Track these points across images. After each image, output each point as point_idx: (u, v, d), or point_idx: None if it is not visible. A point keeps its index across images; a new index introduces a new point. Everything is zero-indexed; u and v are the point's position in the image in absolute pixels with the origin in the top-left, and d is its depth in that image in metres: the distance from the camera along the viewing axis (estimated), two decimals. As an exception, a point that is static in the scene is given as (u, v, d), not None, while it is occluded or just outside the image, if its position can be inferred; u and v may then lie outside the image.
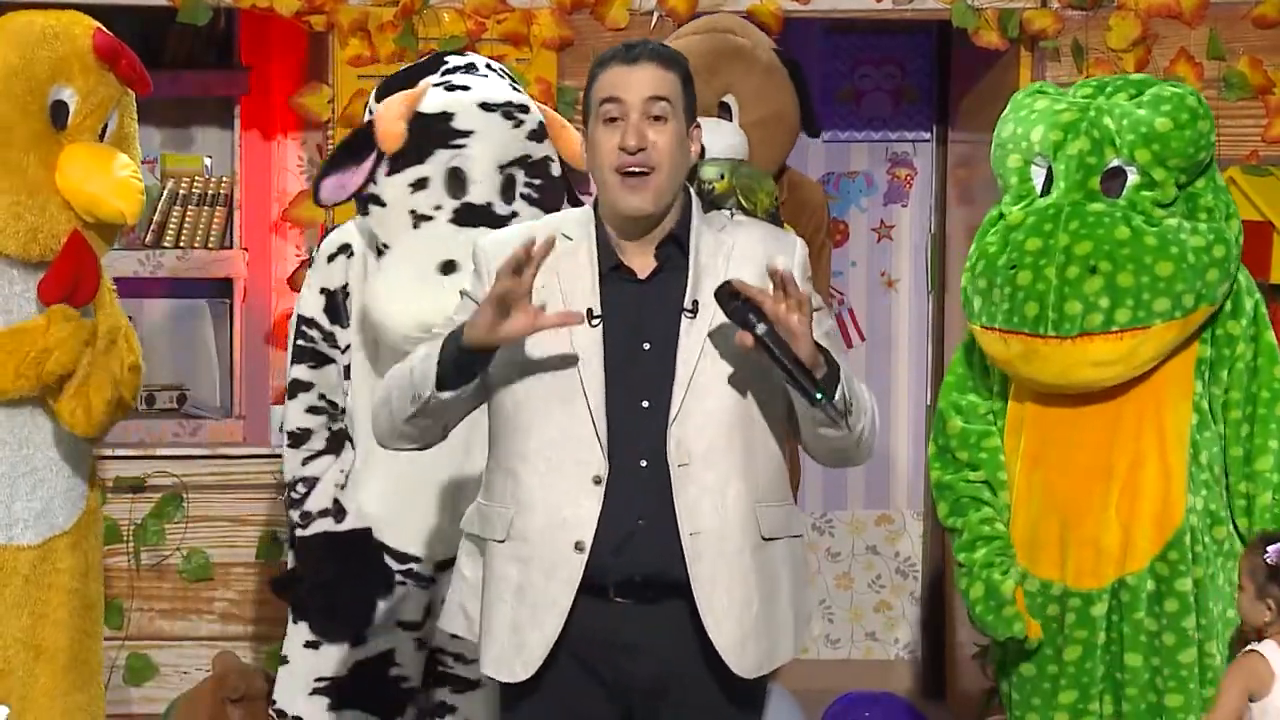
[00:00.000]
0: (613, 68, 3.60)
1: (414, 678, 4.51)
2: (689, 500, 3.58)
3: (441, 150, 4.41)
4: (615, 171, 3.57)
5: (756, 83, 5.22)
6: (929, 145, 6.75)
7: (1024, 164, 4.20)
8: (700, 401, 3.55)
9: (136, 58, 4.49)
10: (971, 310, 4.19)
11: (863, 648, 6.82)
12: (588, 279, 3.62)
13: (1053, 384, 4.11)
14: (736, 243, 3.67)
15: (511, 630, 3.62)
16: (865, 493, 6.84)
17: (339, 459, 4.52)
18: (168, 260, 6.03)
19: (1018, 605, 4.16)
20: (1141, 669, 4.10)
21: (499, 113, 4.45)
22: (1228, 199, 4.18)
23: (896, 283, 6.81)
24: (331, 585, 4.48)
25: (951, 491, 4.30)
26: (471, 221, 4.37)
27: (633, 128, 3.56)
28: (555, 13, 5.69)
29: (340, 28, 5.63)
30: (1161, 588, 4.09)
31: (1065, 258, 4.05)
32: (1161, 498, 4.11)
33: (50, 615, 4.45)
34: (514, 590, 3.62)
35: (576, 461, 3.59)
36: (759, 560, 3.64)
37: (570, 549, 3.58)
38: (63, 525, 4.47)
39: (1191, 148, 4.08)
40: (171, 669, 5.77)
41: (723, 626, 3.60)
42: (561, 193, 4.50)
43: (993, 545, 4.22)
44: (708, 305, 3.59)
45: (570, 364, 3.58)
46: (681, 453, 3.58)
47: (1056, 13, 5.75)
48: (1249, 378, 4.12)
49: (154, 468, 5.76)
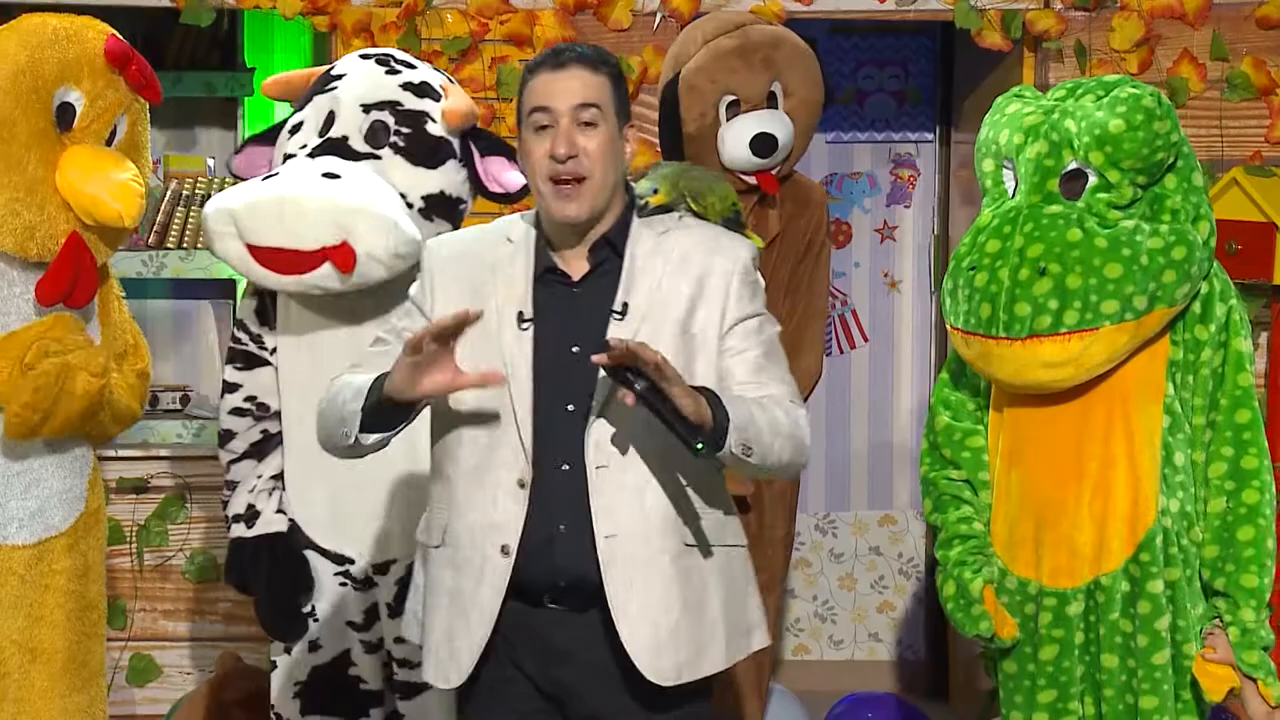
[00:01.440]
0: (541, 74, 3.58)
1: (371, 681, 4.50)
2: (605, 503, 3.56)
3: (319, 96, 4.44)
4: (548, 180, 3.56)
5: (804, 68, 5.21)
6: (932, 146, 6.76)
7: (996, 167, 4.21)
8: (622, 404, 3.47)
9: (148, 65, 4.48)
10: (945, 310, 4.22)
11: (866, 649, 6.82)
12: (521, 283, 3.62)
13: (1010, 384, 4.12)
14: (677, 245, 3.65)
15: (446, 637, 3.64)
16: (868, 493, 6.84)
17: (261, 463, 4.51)
18: (171, 261, 6.03)
19: (986, 604, 4.17)
20: (1118, 670, 4.11)
21: (374, 59, 4.48)
22: (1199, 200, 4.16)
23: (899, 284, 6.81)
24: (247, 589, 4.50)
25: (935, 489, 4.31)
26: (324, 153, 4.36)
27: (562, 135, 3.54)
28: (558, 14, 5.69)
29: (343, 28, 5.64)
30: (1135, 589, 4.09)
31: (1019, 259, 4.05)
32: (1132, 499, 4.10)
33: (47, 617, 4.44)
34: (448, 596, 3.64)
35: (503, 465, 3.58)
36: (680, 567, 3.61)
37: (497, 553, 3.57)
38: (59, 526, 4.46)
39: (1145, 149, 4.06)
40: (175, 670, 5.77)
41: (636, 632, 3.57)
42: (444, 155, 4.43)
43: (967, 544, 4.23)
44: (638, 307, 3.59)
45: (500, 369, 3.56)
46: (600, 454, 3.56)
47: (1059, 14, 5.75)
48: (1214, 384, 4.11)
49: (157, 468, 5.77)
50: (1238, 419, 4.10)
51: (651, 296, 3.60)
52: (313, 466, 4.42)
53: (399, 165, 4.35)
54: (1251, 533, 4.06)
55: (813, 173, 6.65)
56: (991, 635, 4.19)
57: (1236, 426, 4.10)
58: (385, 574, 4.44)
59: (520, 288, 3.62)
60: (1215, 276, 4.14)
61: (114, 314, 4.57)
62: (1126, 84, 4.13)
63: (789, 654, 6.71)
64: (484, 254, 3.68)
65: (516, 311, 3.60)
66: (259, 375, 4.49)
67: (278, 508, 4.46)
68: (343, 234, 4.18)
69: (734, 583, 3.71)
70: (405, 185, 4.34)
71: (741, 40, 5.15)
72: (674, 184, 4.46)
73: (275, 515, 4.46)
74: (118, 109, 4.45)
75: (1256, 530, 4.07)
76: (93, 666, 4.54)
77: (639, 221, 3.66)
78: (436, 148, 4.41)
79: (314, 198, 4.21)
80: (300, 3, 5.63)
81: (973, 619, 4.19)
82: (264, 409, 4.49)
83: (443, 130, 4.43)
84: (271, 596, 4.45)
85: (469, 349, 3.55)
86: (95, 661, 4.55)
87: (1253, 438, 4.09)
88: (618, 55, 5.66)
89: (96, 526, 4.57)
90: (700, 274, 3.63)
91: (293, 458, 4.47)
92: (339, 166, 4.29)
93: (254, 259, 4.26)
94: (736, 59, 5.11)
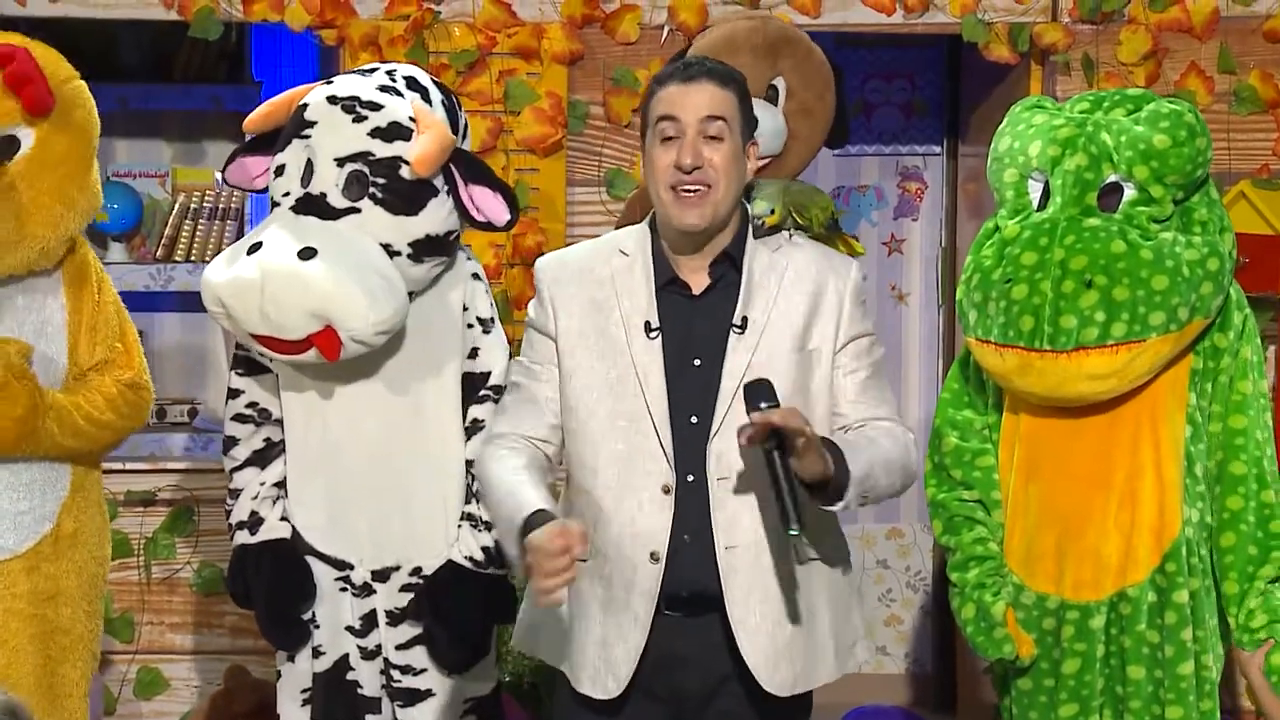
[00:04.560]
0: (670, 86, 3.64)
1: (368, 687, 4.50)
2: (727, 515, 3.63)
3: (296, 140, 4.39)
4: (670, 189, 3.61)
5: (809, 72, 5.21)
6: (939, 159, 6.76)
7: (1020, 178, 4.21)
8: (743, 417, 3.53)
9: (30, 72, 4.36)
10: (967, 323, 4.20)
11: (873, 662, 6.81)
12: (644, 294, 3.67)
13: (1048, 397, 4.11)
14: (791, 263, 3.72)
15: (601, 646, 3.68)
16: (876, 507, 6.83)
17: (264, 470, 4.50)
18: (179, 275, 6.04)
19: (1008, 627, 4.17)
20: (1144, 681, 4.10)
21: (340, 106, 4.38)
22: (1221, 212, 4.18)
23: (907, 296, 6.81)
24: (250, 598, 4.49)
25: (945, 510, 4.30)
26: (306, 210, 4.32)
27: (688, 146, 3.60)
28: (566, 27, 5.70)
29: (351, 42, 5.64)
30: (1161, 600, 4.09)
31: (1061, 271, 4.05)
32: (1158, 509, 4.11)
33: (9, 640, 4.41)
34: (599, 606, 3.69)
35: (646, 473, 3.63)
36: (797, 581, 3.68)
37: (646, 560, 3.63)
38: (13, 548, 4.41)
39: (1189, 165, 4.08)
40: (182, 683, 5.77)
41: (756, 642, 3.65)
42: (424, 198, 4.34)
43: (985, 566, 4.23)
44: (756, 322, 3.65)
45: (633, 379, 3.63)
46: (721, 467, 3.62)
47: (1067, 27, 5.75)
48: (1228, 390, 4.13)
49: (165, 481, 5.77)
50: (1232, 424, 4.11)
51: (769, 312, 3.67)
52: (313, 472, 4.42)
53: (379, 217, 4.30)
54: (1232, 539, 4.08)
55: (819, 185, 6.65)
56: (1015, 657, 4.18)
57: (1230, 431, 4.10)
58: (386, 581, 4.43)
59: (643, 298, 3.67)
60: (1232, 285, 4.16)
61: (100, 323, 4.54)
62: (1161, 99, 4.15)
63: (796, 667, 6.69)
64: (597, 268, 3.74)
65: (644, 321, 3.66)
66: (261, 381, 4.49)
67: (281, 515, 4.46)
68: (324, 321, 4.19)
69: (841, 597, 3.80)
70: (389, 236, 4.31)
71: (755, 25, 5.18)
72: (780, 201, 4.52)
73: (279, 522, 4.46)
74: (7, 118, 4.37)
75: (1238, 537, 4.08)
76: (59, 691, 4.48)
77: (753, 240, 3.72)
78: (414, 194, 4.33)
79: (289, 287, 4.18)
80: (308, 16, 5.63)
81: (995, 642, 4.18)
82: (265, 415, 4.49)
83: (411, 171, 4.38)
84: (273, 603, 4.45)
85: (599, 359, 3.64)
86: (65, 685, 4.50)
87: (1244, 444, 4.10)
88: (623, 68, 5.69)
89: (75, 549, 4.50)
90: (815, 291, 3.71)
91: (293, 463, 4.47)
92: (317, 235, 4.24)
93: (251, 338, 4.28)
94: (744, 42, 5.14)
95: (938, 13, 5.77)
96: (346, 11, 5.64)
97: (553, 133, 5.66)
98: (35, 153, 4.41)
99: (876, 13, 5.76)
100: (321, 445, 4.41)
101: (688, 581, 3.64)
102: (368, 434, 4.37)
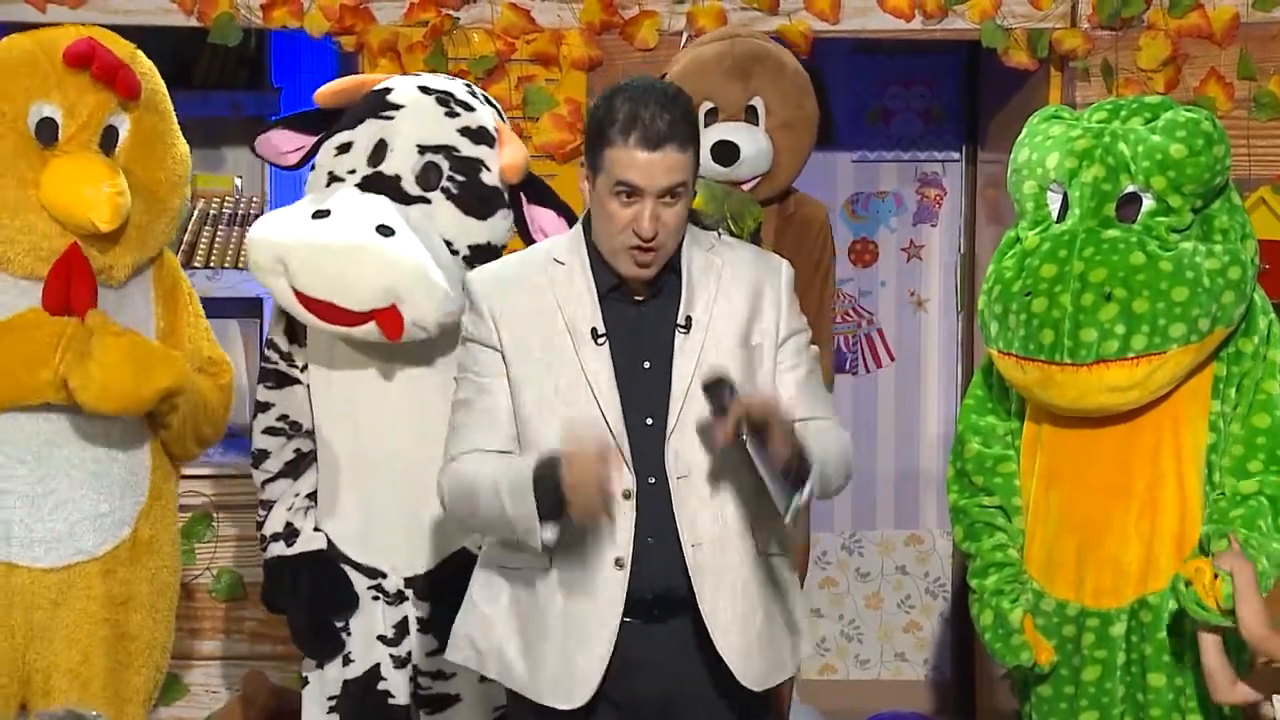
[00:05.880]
0: (634, 151, 3.58)
1: (399, 695, 4.50)
2: (689, 513, 3.64)
3: (372, 120, 4.39)
4: (626, 247, 3.62)
5: (785, 87, 5.23)
6: (958, 165, 6.75)
7: (1040, 190, 4.20)
8: (696, 415, 3.60)
9: (111, 58, 4.38)
10: (989, 334, 4.19)
11: (892, 668, 6.81)
12: (587, 301, 3.67)
13: (1069, 409, 4.11)
14: (726, 261, 3.74)
15: (561, 655, 3.65)
16: (895, 513, 6.83)
17: (296, 482, 4.50)
18: (198, 280, 6.02)
19: (1026, 634, 4.17)
20: (1165, 689, 4.10)
21: (434, 97, 4.41)
22: (1243, 219, 4.17)
23: (926, 302, 6.80)
24: (287, 608, 4.49)
25: (966, 516, 4.30)
26: (375, 188, 4.32)
27: (649, 217, 3.59)
28: (584, 33, 5.70)
29: (370, 48, 5.65)
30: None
31: (1080, 284, 4.04)
32: (1180, 516, 4.10)
33: (81, 641, 4.43)
34: (558, 616, 3.66)
35: None
36: (760, 573, 3.70)
37: (610, 566, 3.62)
38: (91, 551, 4.44)
39: (1207, 173, 4.07)
40: (201, 688, 5.77)
41: (729, 637, 3.65)
42: (495, 206, 4.39)
43: (1004, 572, 4.22)
44: (700, 321, 3.67)
45: (584, 386, 3.63)
46: (680, 465, 3.63)
47: (1086, 33, 5.74)
48: (1254, 391, 4.12)
49: (184, 487, 5.73)
50: (1255, 421, 4.10)
51: (711, 309, 3.69)
52: (345, 481, 4.43)
53: (449, 212, 4.32)
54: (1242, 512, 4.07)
55: (838, 192, 6.66)
56: (1033, 665, 4.18)
57: (1252, 429, 4.10)
58: (415, 588, 4.44)
59: (587, 306, 3.67)
60: (1256, 290, 4.16)
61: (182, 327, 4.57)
62: (1178, 108, 4.14)
63: (815, 673, 6.69)
64: (532, 276, 3.72)
65: (590, 328, 3.65)
66: (291, 394, 4.49)
67: (316, 525, 4.47)
68: (393, 299, 4.17)
69: (792, 589, 3.80)
70: (452, 233, 4.32)
71: (723, 49, 5.20)
72: (720, 203, 4.52)
73: (314, 533, 4.46)
74: (103, 111, 4.39)
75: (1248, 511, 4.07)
76: (124, 695, 4.50)
77: (690, 239, 3.72)
78: (489, 198, 4.38)
79: (369, 257, 4.16)
80: (327, 23, 5.64)
81: (1012, 649, 4.17)
82: (296, 427, 4.50)
83: (496, 180, 4.41)
84: (312, 614, 4.45)
85: (547, 367, 3.63)
86: (129, 691, 4.52)
87: (1265, 443, 4.09)
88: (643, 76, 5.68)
89: (150, 556, 4.52)
90: (753, 288, 3.73)
91: (324, 473, 4.48)
92: (392, 215, 4.23)
93: (299, 302, 4.25)
94: (715, 66, 5.16)
95: (956, 19, 5.76)
96: (366, 18, 5.64)
97: (571, 139, 5.66)
98: (135, 135, 4.46)
99: (895, 19, 5.76)
100: (353, 454, 4.41)
101: (655, 584, 3.63)
102: (398, 442, 4.37)
